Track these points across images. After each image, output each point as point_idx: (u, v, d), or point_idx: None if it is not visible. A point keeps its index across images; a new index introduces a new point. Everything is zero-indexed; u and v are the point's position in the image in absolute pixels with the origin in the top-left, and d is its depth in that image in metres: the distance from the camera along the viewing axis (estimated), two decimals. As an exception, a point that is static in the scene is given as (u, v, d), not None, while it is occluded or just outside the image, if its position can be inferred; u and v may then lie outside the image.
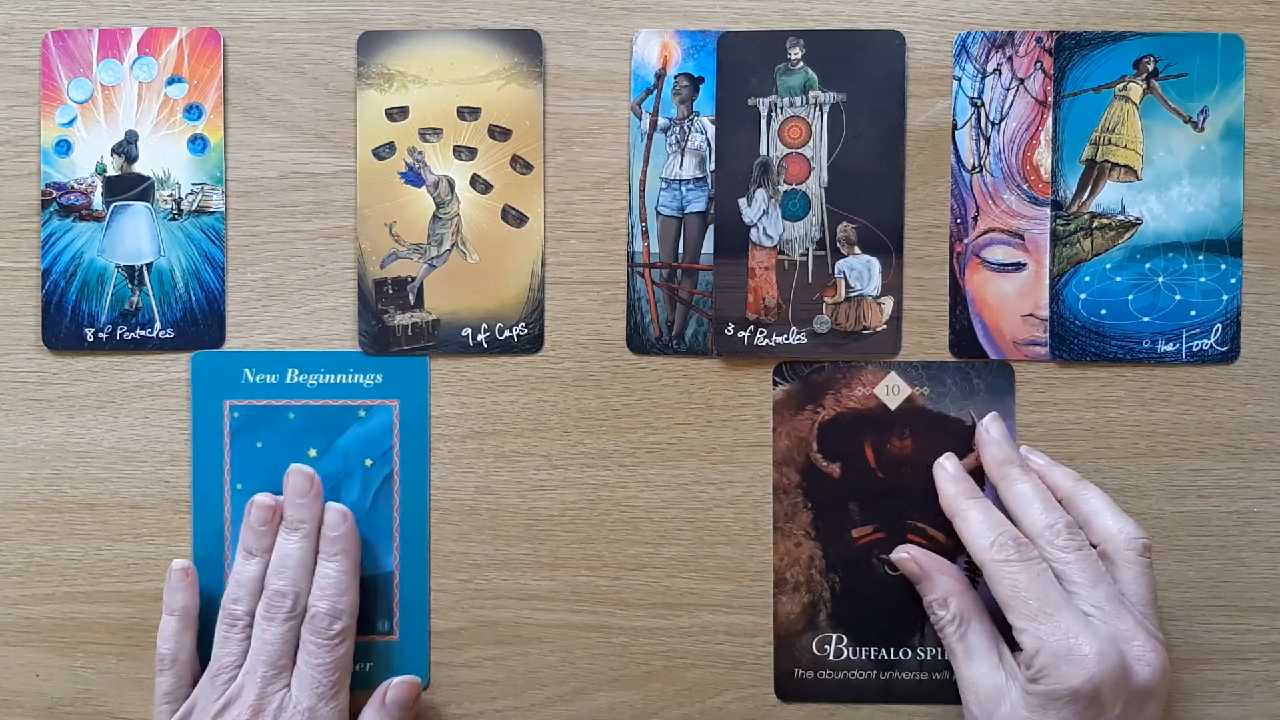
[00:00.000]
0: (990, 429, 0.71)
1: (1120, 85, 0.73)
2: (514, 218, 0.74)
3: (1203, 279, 0.73)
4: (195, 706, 0.68)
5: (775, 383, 0.73)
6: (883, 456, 0.73)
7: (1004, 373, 0.73)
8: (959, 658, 0.68)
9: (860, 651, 0.74)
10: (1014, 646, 0.66)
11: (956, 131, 0.73)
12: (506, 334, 0.74)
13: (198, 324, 0.74)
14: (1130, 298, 0.73)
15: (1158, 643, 0.65)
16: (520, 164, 0.73)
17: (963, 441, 0.73)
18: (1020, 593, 0.65)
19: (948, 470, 0.71)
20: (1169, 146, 0.73)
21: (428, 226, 0.74)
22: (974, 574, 0.72)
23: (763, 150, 0.73)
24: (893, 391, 0.73)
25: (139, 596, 0.74)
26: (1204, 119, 0.72)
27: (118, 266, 0.73)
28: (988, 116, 0.73)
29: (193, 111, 0.73)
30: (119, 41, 0.73)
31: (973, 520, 0.69)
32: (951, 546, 0.73)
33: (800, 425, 0.73)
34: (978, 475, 0.72)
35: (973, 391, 0.73)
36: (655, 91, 0.73)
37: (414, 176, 0.74)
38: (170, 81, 0.73)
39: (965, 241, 0.73)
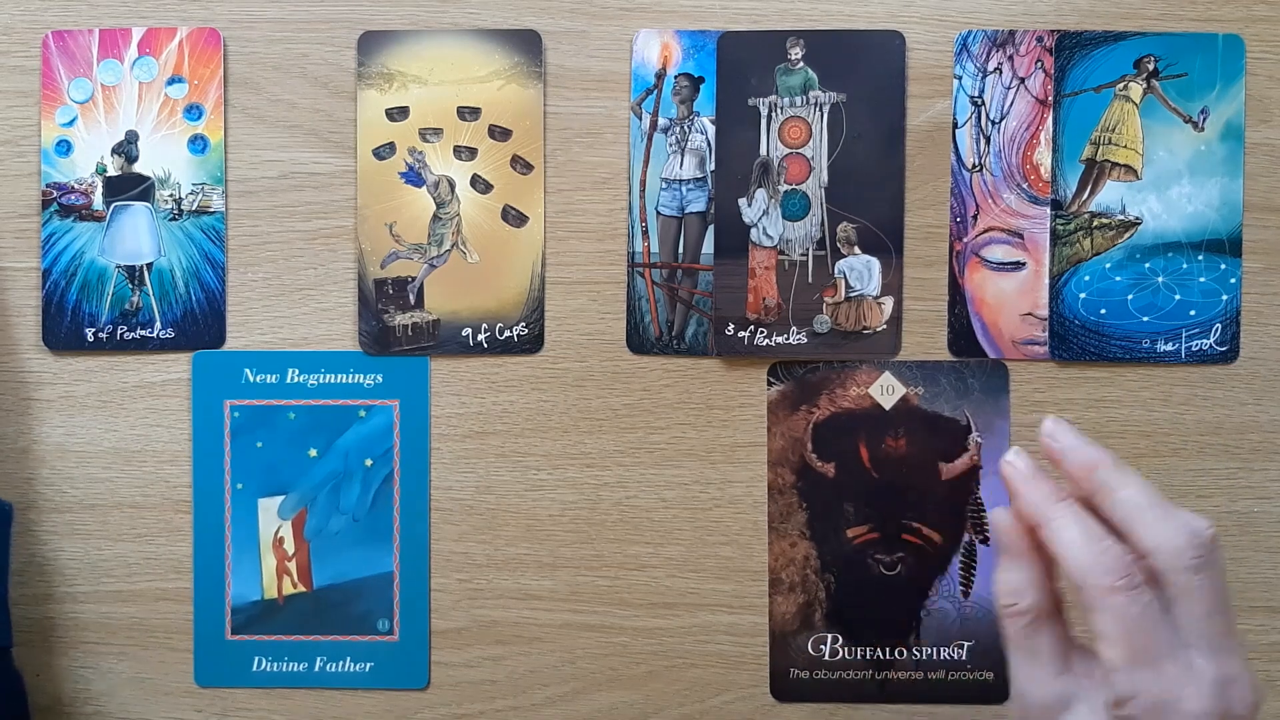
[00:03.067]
0: (1059, 436, 0.57)
1: (1120, 85, 0.72)
2: (514, 218, 0.74)
3: (1202, 279, 0.73)
4: None
5: (770, 383, 0.73)
6: (877, 456, 0.73)
7: (999, 372, 0.73)
8: (1017, 655, 0.56)
9: (856, 651, 0.74)
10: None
11: (957, 130, 0.73)
12: (506, 334, 0.74)
13: (198, 324, 0.74)
14: (1130, 297, 0.73)
15: (1250, 676, 0.54)
16: (520, 164, 0.73)
17: (958, 441, 0.73)
18: (1126, 631, 0.53)
19: (1020, 469, 0.57)
20: (1169, 146, 0.73)
21: (428, 226, 0.74)
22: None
23: (763, 150, 0.73)
24: (887, 391, 0.73)
25: (139, 596, 0.74)
26: (1204, 119, 0.72)
27: (118, 266, 0.73)
28: (988, 115, 0.73)
29: (193, 111, 0.73)
30: (119, 41, 0.73)
31: (1068, 533, 0.55)
32: (947, 549, 0.73)
33: (795, 425, 0.73)
34: (964, 482, 0.73)
35: (967, 391, 0.73)
36: (655, 91, 0.73)
37: (414, 176, 0.74)
38: (170, 81, 0.73)
39: (965, 240, 0.73)
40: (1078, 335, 0.73)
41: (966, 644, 0.74)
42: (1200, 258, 0.72)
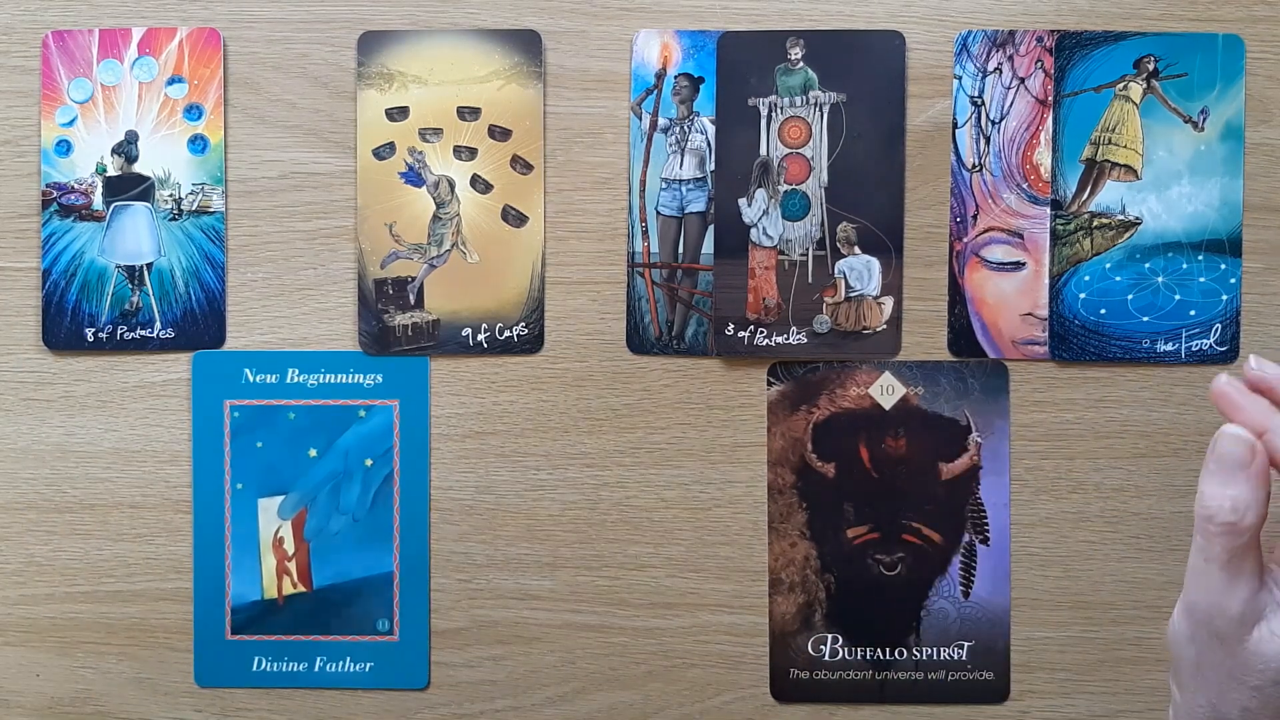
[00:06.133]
0: (1266, 368, 0.59)
1: (1120, 85, 0.72)
2: (514, 218, 0.74)
3: (1202, 279, 0.73)
4: None
5: (770, 383, 0.73)
6: (877, 456, 0.73)
7: (999, 372, 0.73)
8: (1222, 572, 0.57)
9: (855, 651, 0.74)
10: None
11: (957, 130, 0.73)
12: (506, 334, 0.74)
13: (198, 324, 0.74)
14: (1130, 297, 0.73)
15: None
16: (520, 164, 0.73)
17: (958, 441, 0.73)
18: None
19: (1240, 383, 0.59)
20: (1169, 146, 0.73)
21: (428, 226, 0.74)
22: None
23: (763, 150, 0.73)
24: (887, 391, 0.73)
25: (139, 596, 0.74)
26: (1204, 119, 0.72)
27: (118, 266, 0.73)
28: (988, 115, 0.73)
29: (193, 111, 0.73)
30: (119, 41, 0.73)
31: None
32: (947, 549, 0.73)
33: (795, 425, 0.73)
34: (964, 482, 0.73)
35: (967, 391, 0.73)
36: (655, 91, 0.73)
37: (414, 176, 0.74)
38: (170, 81, 0.73)
39: (965, 240, 0.73)
40: (1078, 335, 0.73)
41: (966, 644, 0.74)
42: (1200, 258, 0.72)
